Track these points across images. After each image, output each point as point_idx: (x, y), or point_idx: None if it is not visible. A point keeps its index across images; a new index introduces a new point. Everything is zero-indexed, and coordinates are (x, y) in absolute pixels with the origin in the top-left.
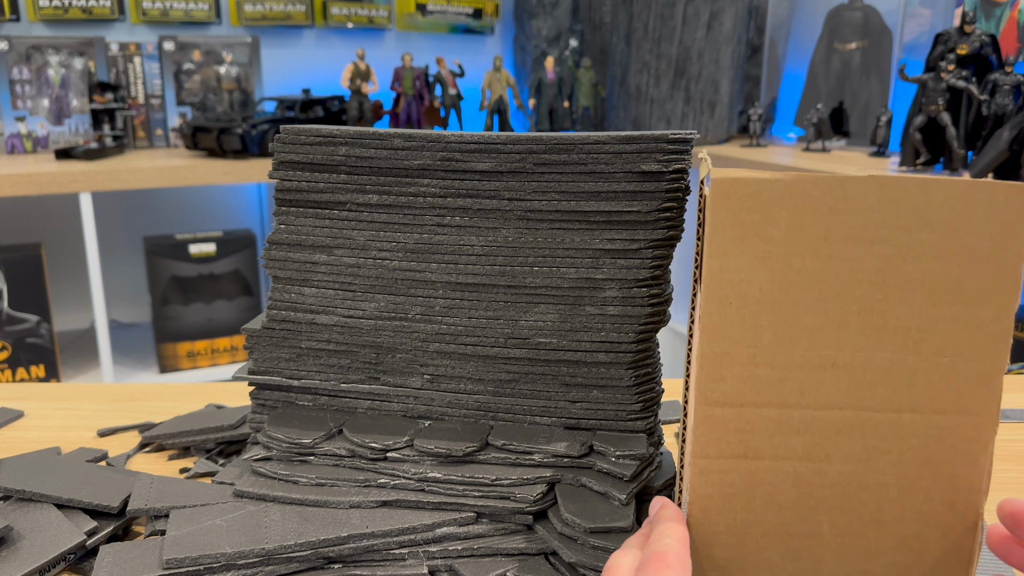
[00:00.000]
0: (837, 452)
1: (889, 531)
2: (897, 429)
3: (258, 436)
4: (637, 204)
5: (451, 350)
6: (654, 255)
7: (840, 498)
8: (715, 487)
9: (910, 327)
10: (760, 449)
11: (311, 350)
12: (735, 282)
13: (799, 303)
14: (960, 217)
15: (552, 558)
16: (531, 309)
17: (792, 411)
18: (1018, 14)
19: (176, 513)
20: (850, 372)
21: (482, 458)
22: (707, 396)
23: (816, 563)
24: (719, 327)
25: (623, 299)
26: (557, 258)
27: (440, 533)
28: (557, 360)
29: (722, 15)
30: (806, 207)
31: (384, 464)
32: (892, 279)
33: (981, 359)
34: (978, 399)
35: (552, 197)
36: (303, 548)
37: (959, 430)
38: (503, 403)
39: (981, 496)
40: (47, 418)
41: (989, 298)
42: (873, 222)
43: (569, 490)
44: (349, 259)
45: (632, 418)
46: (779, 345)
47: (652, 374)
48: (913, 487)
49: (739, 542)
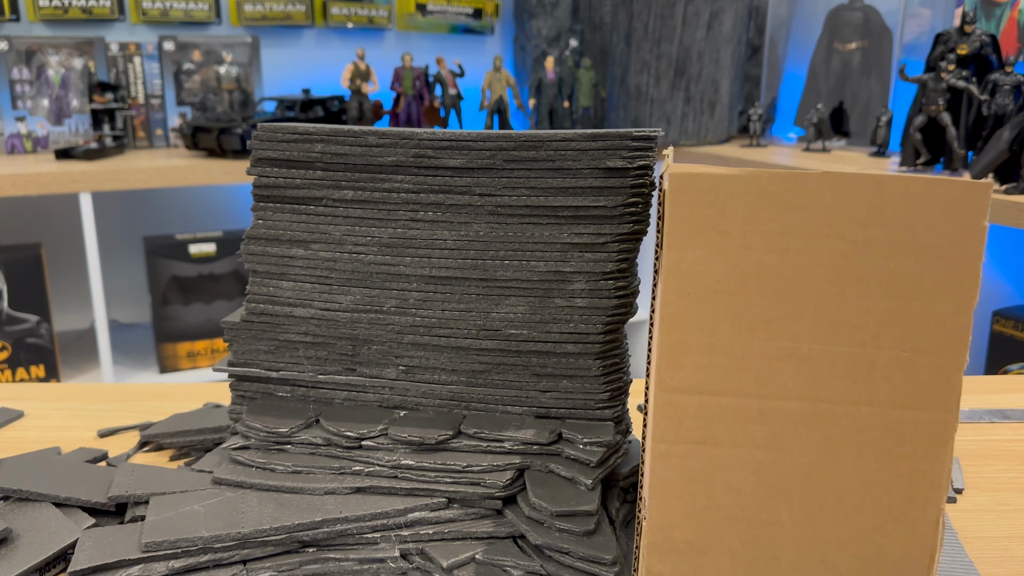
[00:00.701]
0: (796, 442)
1: (849, 523)
2: (856, 422)
3: (237, 426)
4: (603, 199)
5: (425, 342)
6: (620, 249)
7: (800, 488)
8: (675, 471)
9: (868, 321)
10: (719, 436)
11: (289, 342)
12: (693, 273)
13: (756, 295)
14: (917, 214)
15: (520, 541)
16: (502, 301)
17: (750, 400)
18: (1018, 14)
19: (156, 499)
20: (807, 364)
21: (454, 446)
22: (666, 383)
23: (776, 551)
24: (677, 317)
25: (591, 291)
26: (527, 252)
27: (412, 518)
28: (527, 351)
29: (722, 15)
30: (762, 202)
31: (359, 452)
32: (849, 274)
33: (940, 355)
34: (937, 395)
35: (521, 193)
36: (278, 532)
37: (918, 425)
38: (475, 393)
39: (942, 492)
40: (47, 418)
41: (948, 294)
42: (829, 218)
43: (537, 476)
44: (325, 253)
45: (600, 407)
46: (736, 335)
47: (619, 364)
48: (873, 480)
49: (699, 526)
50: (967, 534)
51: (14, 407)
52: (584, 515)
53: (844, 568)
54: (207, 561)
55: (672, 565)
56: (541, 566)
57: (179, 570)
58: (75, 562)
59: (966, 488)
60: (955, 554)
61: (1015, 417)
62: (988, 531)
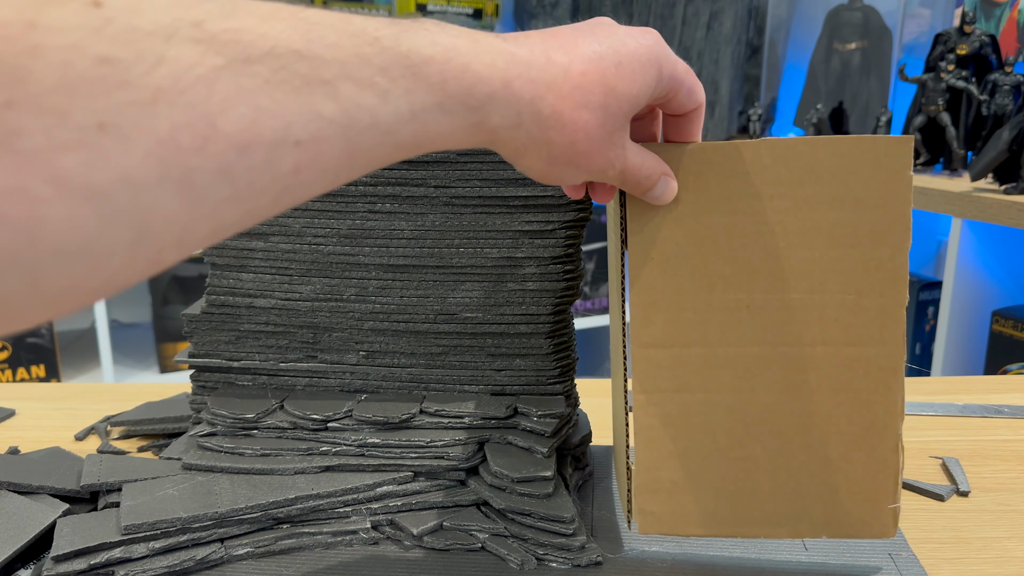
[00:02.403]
0: (760, 384)
1: (816, 453)
2: (813, 361)
3: (201, 415)
4: (551, 188)
5: (385, 327)
6: (567, 235)
7: (768, 424)
8: (655, 417)
9: (814, 270)
10: (691, 383)
11: (250, 332)
12: (655, 240)
13: (712, 254)
14: (848, 170)
15: (483, 507)
16: (458, 287)
17: (716, 349)
18: (1018, 14)
19: (128, 486)
20: (764, 312)
21: (417, 423)
22: (641, 339)
23: (753, 483)
24: (645, 279)
25: (541, 275)
26: (480, 239)
27: (381, 492)
28: (483, 333)
29: (722, 15)
30: (708, 171)
31: (325, 434)
32: (792, 228)
33: (882, 294)
34: (884, 331)
35: (475, 184)
36: (253, 511)
37: (870, 359)
38: (434, 375)
39: (898, 419)
40: (46, 418)
41: (883, 240)
42: (769, 180)
43: (497, 447)
44: (285, 245)
45: (551, 382)
46: (698, 291)
47: (568, 343)
48: (834, 412)
49: (683, 465)
50: (967, 534)
51: (14, 407)
52: (542, 480)
53: (816, 495)
54: (186, 540)
55: (661, 503)
56: (505, 528)
57: (159, 550)
58: (56, 547)
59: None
60: None
61: (1009, 412)
62: (988, 531)
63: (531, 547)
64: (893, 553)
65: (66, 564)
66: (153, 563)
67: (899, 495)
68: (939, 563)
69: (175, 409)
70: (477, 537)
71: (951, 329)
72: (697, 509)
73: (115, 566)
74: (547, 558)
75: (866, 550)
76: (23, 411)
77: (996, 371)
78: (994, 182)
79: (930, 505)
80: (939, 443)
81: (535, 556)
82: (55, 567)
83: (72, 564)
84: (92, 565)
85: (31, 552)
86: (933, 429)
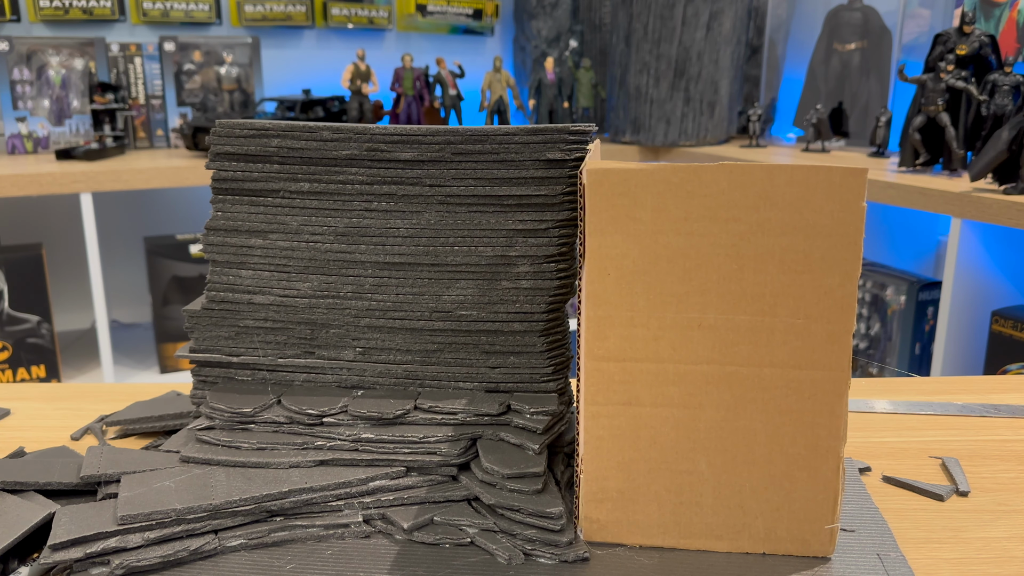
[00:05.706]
0: (708, 400)
1: (760, 471)
2: (760, 381)
3: (200, 409)
4: (544, 188)
5: (380, 324)
6: (561, 234)
7: (714, 440)
8: (605, 429)
9: (765, 293)
10: (641, 397)
11: (249, 328)
12: (612, 256)
13: (667, 273)
14: (802, 198)
15: (474, 503)
16: (452, 285)
17: (667, 365)
18: (1017, 14)
19: (127, 477)
20: (715, 332)
21: (411, 419)
22: (594, 352)
23: (697, 496)
24: (600, 295)
25: (534, 274)
26: (475, 238)
27: (373, 486)
28: (477, 330)
29: (722, 16)
30: (667, 192)
31: (321, 428)
32: (746, 252)
33: (831, 321)
34: (830, 356)
35: (469, 183)
36: (247, 503)
37: (816, 383)
38: (429, 371)
39: (840, 442)
40: (46, 418)
41: (834, 268)
42: (726, 203)
43: (489, 444)
44: (283, 243)
45: (544, 380)
46: (652, 309)
47: (562, 340)
48: (779, 432)
49: (628, 476)
50: (967, 534)
51: (14, 407)
52: (532, 476)
53: (758, 511)
54: (180, 531)
55: (607, 512)
56: (494, 523)
57: (154, 540)
58: (53, 536)
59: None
60: (862, 501)
61: (1006, 411)
62: (988, 531)
63: (519, 542)
64: (881, 553)
65: (63, 552)
66: (148, 553)
67: (838, 516)
68: (939, 563)
69: (169, 407)
70: (467, 532)
71: (951, 329)
72: (641, 519)
73: (110, 555)
74: (535, 553)
75: (854, 549)
76: (20, 411)
77: (996, 371)
78: (994, 182)
79: (930, 505)
80: (938, 443)
81: (523, 551)
82: (52, 555)
83: (69, 552)
84: (88, 554)
85: (27, 549)
86: (932, 429)
